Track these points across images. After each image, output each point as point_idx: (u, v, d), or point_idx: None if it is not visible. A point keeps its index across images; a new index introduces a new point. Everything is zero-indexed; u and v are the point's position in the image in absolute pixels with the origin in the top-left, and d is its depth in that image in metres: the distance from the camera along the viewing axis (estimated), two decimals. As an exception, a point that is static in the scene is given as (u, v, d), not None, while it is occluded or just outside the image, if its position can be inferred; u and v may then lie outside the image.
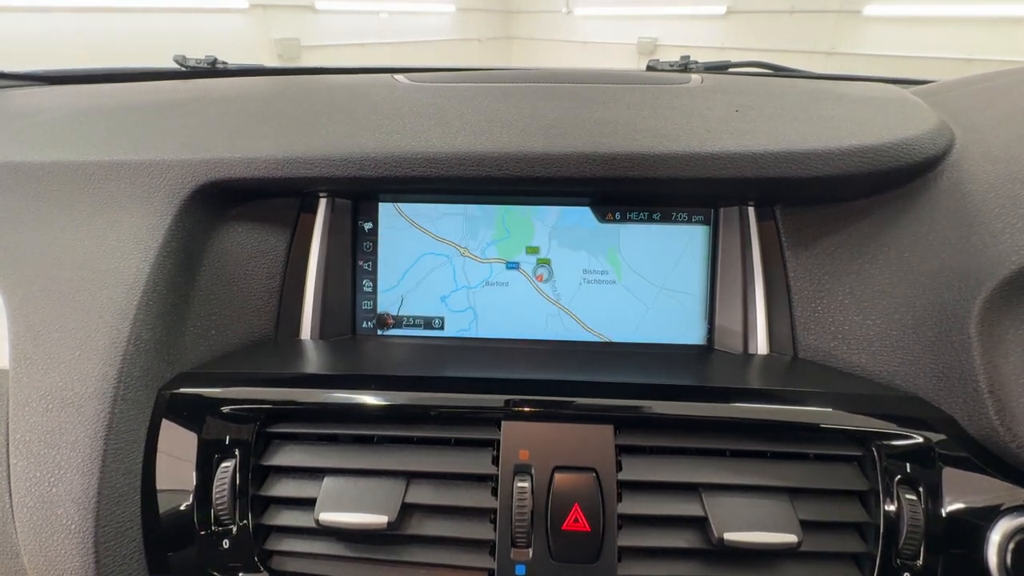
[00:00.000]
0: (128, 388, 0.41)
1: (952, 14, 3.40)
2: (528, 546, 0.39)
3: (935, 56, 3.43)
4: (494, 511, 0.40)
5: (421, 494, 0.40)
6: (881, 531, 0.38)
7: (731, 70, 0.82)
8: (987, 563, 0.37)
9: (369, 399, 0.42)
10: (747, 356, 0.52)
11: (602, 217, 0.56)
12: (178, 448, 0.42)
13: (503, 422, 0.41)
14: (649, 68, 0.83)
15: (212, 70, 0.81)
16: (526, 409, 0.41)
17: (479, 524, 0.40)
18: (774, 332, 0.52)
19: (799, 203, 0.52)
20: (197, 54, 0.83)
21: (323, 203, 0.56)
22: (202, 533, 0.40)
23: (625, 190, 0.52)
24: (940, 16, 3.46)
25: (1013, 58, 3.04)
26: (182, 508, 0.41)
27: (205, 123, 0.53)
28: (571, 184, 0.47)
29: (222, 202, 0.51)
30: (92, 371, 0.41)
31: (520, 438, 0.40)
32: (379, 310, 0.58)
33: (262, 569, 0.40)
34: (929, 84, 0.65)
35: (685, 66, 0.82)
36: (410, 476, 0.40)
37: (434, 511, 0.40)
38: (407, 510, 0.39)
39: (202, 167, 0.47)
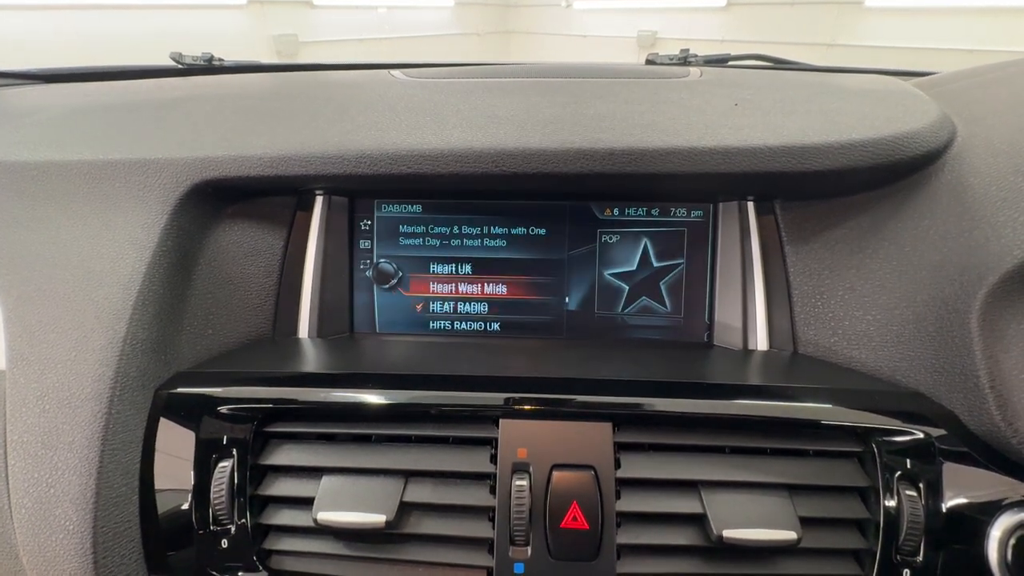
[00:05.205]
0: (125, 388, 0.41)
1: (954, 5, 3.38)
2: (527, 544, 0.39)
3: (937, 47, 3.42)
4: (492, 509, 0.39)
5: (419, 493, 0.40)
6: (881, 527, 0.38)
7: (731, 63, 0.81)
8: (987, 559, 0.37)
9: (367, 398, 0.42)
10: (747, 352, 0.52)
11: (601, 212, 0.56)
12: (176, 448, 0.42)
13: (501, 420, 0.41)
14: (648, 62, 0.83)
15: (208, 67, 0.80)
16: (524, 407, 0.41)
17: (477, 522, 0.40)
18: (774, 328, 0.52)
19: (799, 197, 0.51)
20: (196, 51, 0.83)
21: (319, 201, 0.55)
22: (200, 533, 0.40)
23: (623, 185, 0.51)
24: (942, 7, 3.44)
25: (1016, 48, 3.02)
26: (180, 508, 0.41)
27: (200, 121, 0.52)
28: (568, 180, 0.47)
29: (217, 201, 0.51)
30: (89, 371, 0.41)
31: (518, 436, 0.40)
32: (376, 307, 0.58)
33: (261, 568, 0.40)
34: (931, 76, 0.64)
35: (684, 59, 0.82)
36: (408, 475, 0.40)
37: (432, 510, 0.40)
38: (405, 509, 0.39)
39: (196, 166, 0.47)
